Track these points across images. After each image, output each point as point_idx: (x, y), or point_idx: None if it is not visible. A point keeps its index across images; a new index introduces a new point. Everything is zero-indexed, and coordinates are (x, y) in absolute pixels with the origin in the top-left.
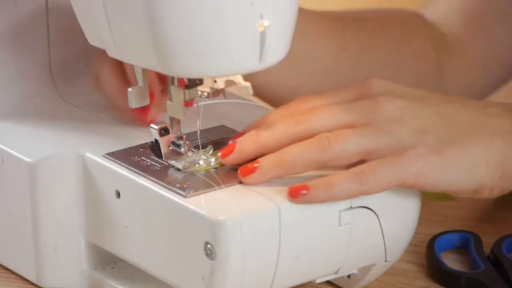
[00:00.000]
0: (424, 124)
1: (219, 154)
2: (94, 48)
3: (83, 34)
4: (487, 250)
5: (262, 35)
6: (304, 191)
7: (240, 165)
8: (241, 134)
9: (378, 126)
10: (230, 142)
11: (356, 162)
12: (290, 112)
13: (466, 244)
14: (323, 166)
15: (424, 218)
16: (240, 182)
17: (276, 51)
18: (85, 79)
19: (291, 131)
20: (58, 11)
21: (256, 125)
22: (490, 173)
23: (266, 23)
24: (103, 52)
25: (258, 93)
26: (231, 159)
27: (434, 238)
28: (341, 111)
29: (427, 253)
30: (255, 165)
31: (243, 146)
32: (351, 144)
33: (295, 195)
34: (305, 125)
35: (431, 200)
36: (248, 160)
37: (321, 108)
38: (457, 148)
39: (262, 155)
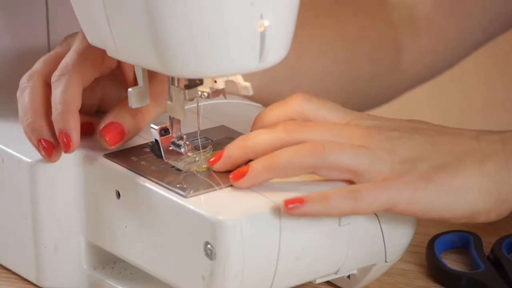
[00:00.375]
0: (416, 154)
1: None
2: None
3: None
4: (487, 250)
5: (262, 35)
6: (299, 204)
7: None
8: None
9: (372, 151)
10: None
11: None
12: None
13: (466, 244)
14: (313, 173)
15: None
16: None
17: (276, 51)
18: None
19: (281, 138)
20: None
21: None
22: (483, 198)
23: (266, 23)
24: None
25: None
26: (219, 164)
27: (434, 238)
28: (334, 129)
29: (427, 253)
30: (246, 169)
31: (231, 151)
32: (346, 157)
33: (291, 207)
34: (296, 134)
35: None
36: (237, 166)
37: (314, 123)
38: (449, 175)
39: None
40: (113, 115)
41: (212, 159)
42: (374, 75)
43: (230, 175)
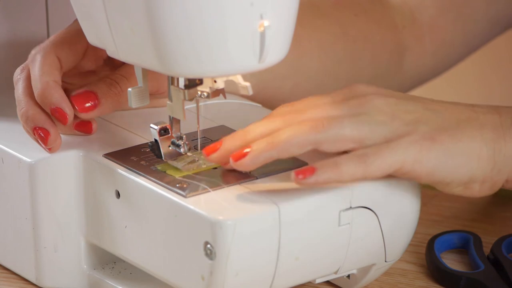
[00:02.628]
0: (416, 116)
1: (203, 152)
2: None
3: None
4: (487, 250)
5: (262, 35)
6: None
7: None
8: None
9: (372, 116)
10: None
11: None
12: (278, 113)
13: (466, 244)
14: (316, 148)
15: (424, 218)
16: (240, 183)
17: (276, 51)
18: None
19: (279, 126)
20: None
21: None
22: (481, 164)
23: (266, 23)
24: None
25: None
26: (216, 156)
27: (434, 238)
28: (332, 106)
29: (427, 253)
30: (247, 150)
31: (230, 144)
32: (347, 129)
33: (303, 177)
34: (293, 120)
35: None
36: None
37: (307, 103)
38: (451, 137)
39: None
40: (88, 85)
41: (207, 150)
42: (374, 77)
43: (230, 157)
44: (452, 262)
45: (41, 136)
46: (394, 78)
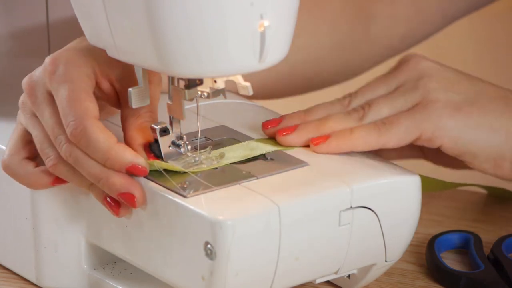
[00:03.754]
0: (452, 84)
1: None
2: None
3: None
4: (487, 250)
5: (262, 35)
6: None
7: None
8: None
9: (410, 83)
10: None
11: None
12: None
13: (466, 244)
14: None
15: (424, 218)
16: (240, 183)
17: (276, 51)
18: None
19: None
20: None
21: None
22: (509, 140)
23: (266, 23)
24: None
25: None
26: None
27: (434, 238)
28: (390, 100)
29: (427, 253)
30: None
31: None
32: (385, 108)
33: (317, 142)
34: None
35: (432, 190)
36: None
37: (362, 92)
38: (480, 109)
39: None
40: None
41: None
42: (336, 45)
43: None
44: (452, 262)
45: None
46: (360, 47)
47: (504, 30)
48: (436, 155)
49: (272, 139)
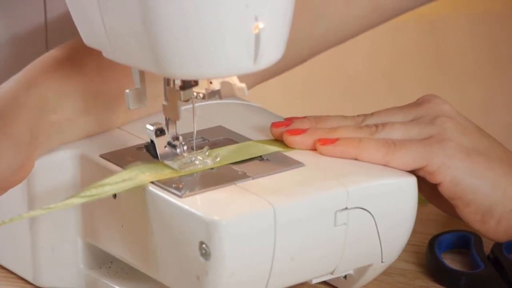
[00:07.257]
0: (466, 131)
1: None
2: None
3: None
4: (487, 250)
5: (257, 37)
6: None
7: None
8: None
9: (427, 118)
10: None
11: None
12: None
13: (466, 244)
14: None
15: (424, 218)
16: (236, 183)
17: (271, 52)
18: None
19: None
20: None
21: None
22: (504, 200)
23: (260, 25)
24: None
25: None
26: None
27: (434, 238)
28: (398, 112)
29: (427, 253)
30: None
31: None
32: (398, 132)
33: (324, 143)
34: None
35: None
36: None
37: (378, 115)
38: (486, 163)
39: None
40: None
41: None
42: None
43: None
44: (452, 262)
45: None
46: (302, 43)
47: (504, 30)
48: (429, 192)
49: (270, 140)
